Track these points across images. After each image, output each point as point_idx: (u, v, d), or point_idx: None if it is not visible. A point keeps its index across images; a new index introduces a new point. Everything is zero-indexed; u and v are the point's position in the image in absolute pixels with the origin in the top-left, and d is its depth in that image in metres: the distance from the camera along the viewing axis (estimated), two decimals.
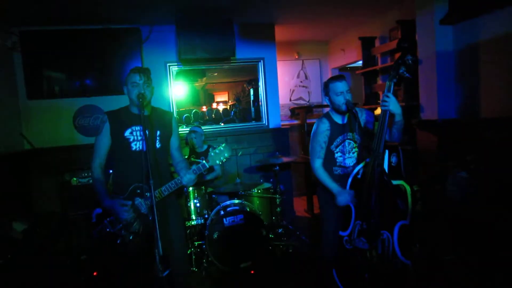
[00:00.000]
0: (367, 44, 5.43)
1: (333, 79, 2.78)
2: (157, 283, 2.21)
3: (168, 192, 2.48)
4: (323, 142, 2.81)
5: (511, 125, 3.21)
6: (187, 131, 4.63)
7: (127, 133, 2.49)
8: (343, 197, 2.63)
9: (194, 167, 2.47)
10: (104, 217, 2.47)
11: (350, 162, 2.82)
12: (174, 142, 2.70)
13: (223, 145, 2.49)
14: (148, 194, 2.42)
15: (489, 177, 3.25)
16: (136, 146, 2.50)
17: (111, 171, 2.68)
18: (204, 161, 2.46)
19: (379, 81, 5.54)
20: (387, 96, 2.42)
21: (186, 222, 3.79)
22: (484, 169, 3.27)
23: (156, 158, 2.55)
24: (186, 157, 3.99)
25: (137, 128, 2.51)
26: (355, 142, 2.82)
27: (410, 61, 2.38)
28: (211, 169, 4.30)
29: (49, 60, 4.54)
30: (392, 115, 2.47)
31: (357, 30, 5.81)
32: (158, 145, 2.57)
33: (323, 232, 2.91)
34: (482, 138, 3.47)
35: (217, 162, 2.47)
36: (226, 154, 2.48)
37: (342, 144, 2.81)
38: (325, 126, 2.81)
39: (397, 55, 4.94)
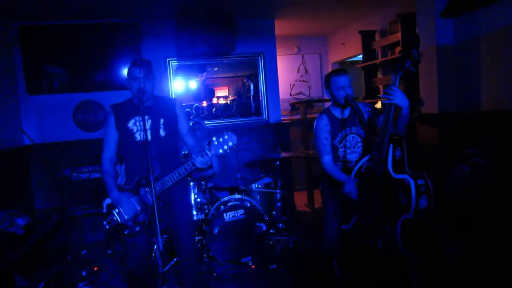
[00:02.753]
0: (367, 38, 5.40)
1: (335, 73, 2.75)
2: (158, 278, 2.23)
3: (173, 181, 2.43)
4: (324, 138, 2.79)
5: (511, 118, 3.20)
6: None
7: (130, 124, 2.51)
8: (350, 184, 2.58)
9: (206, 149, 2.33)
10: (113, 207, 2.49)
11: (353, 157, 2.81)
12: (182, 128, 2.65)
13: (228, 132, 2.34)
14: (154, 182, 2.39)
15: (490, 170, 3.24)
16: (140, 136, 2.51)
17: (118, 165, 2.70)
18: (206, 150, 2.33)
19: (380, 75, 5.52)
20: (392, 89, 2.38)
21: None
22: (485, 162, 3.26)
23: (161, 146, 2.53)
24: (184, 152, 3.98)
25: (140, 118, 2.51)
26: (359, 136, 2.80)
27: (416, 55, 2.35)
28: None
29: (49, 55, 4.51)
30: (398, 108, 2.44)
31: (357, 24, 5.78)
32: (162, 133, 2.55)
33: (325, 225, 2.91)
34: (483, 131, 3.47)
35: (220, 151, 2.32)
36: (230, 142, 2.33)
37: (346, 139, 2.79)
38: (323, 121, 2.80)
39: (397, 49, 4.93)
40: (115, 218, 2.48)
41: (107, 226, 2.49)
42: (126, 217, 2.45)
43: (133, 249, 2.56)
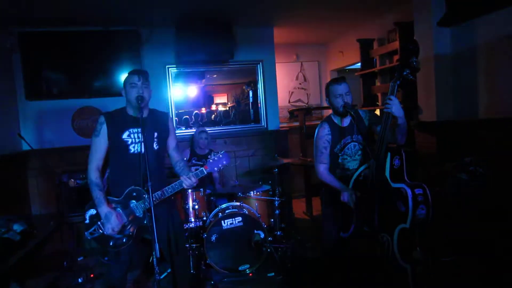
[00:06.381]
0: (365, 46, 5.44)
1: (333, 81, 2.77)
2: (155, 286, 2.22)
3: (164, 196, 2.47)
4: (324, 148, 2.79)
5: (509, 126, 3.21)
6: (188, 133, 4.62)
7: (124, 136, 2.47)
8: (346, 194, 2.60)
9: (193, 172, 2.51)
10: (98, 218, 2.46)
11: (354, 164, 2.81)
12: (171, 143, 2.70)
13: (222, 152, 2.55)
14: (145, 196, 2.41)
15: (488, 178, 3.24)
16: (134, 148, 2.48)
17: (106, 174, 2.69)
18: (202, 168, 2.50)
19: (378, 83, 5.54)
20: (390, 99, 2.38)
21: (184, 225, 3.77)
22: (483, 170, 3.26)
23: (154, 160, 2.54)
24: (186, 159, 3.99)
25: (135, 130, 2.49)
26: (359, 144, 2.81)
27: (414, 63, 2.35)
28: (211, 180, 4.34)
29: (48, 61, 4.52)
30: (395, 118, 2.45)
31: (356, 32, 5.82)
32: (156, 146, 2.57)
33: (325, 233, 2.91)
34: (481, 139, 3.47)
35: (215, 169, 2.53)
36: (224, 162, 2.53)
37: (347, 147, 2.79)
38: (324, 131, 2.80)
39: (396, 57, 4.96)
40: (99, 230, 2.46)
41: (89, 237, 2.47)
42: (112, 231, 2.43)
43: (114, 263, 2.58)
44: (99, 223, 2.46)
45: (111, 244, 2.46)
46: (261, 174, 5.19)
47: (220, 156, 2.54)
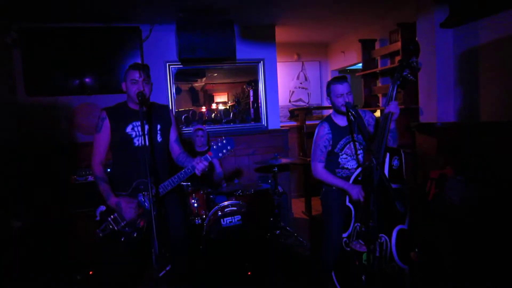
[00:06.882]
0: (367, 46, 5.43)
1: (335, 80, 2.77)
2: (154, 282, 2.22)
3: (173, 185, 2.47)
4: (324, 147, 2.80)
5: (510, 129, 3.21)
6: (188, 131, 4.61)
7: (128, 129, 2.48)
8: (356, 189, 2.60)
9: (202, 156, 2.46)
10: (108, 215, 2.45)
11: (353, 164, 2.81)
12: (173, 134, 2.70)
13: (226, 137, 2.46)
14: (152, 189, 2.40)
15: (487, 181, 3.24)
16: (139, 141, 2.49)
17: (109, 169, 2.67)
18: (207, 155, 2.45)
19: (379, 84, 5.54)
20: (392, 101, 2.40)
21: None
22: (483, 173, 3.26)
23: (159, 152, 2.55)
24: None
25: (138, 123, 2.50)
26: (360, 144, 2.81)
27: (414, 64, 2.36)
28: (212, 168, 4.30)
29: (49, 57, 4.50)
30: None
31: (357, 33, 5.81)
32: (159, 139, 2.57)
33: (325, 234, 2.90)
34: (482, 142, 3.47)
35: (220, 155, 2.44)
36: (229, 147, 2.44)
37: (348, 146, 2.79)
38: (325, 130, 2.80)
39: (397, 58, 4.95)
40: (110, 226, 2.45)
41: (101, 234, 2.45)
42: (124, 222, 2.42)
43: (115, 259, 2.56)
44: (109, 219, 2.45)
45: (122, 239, 2.44)
46: (261, 173, 5.19)
47: (224, 141, 2.44)
